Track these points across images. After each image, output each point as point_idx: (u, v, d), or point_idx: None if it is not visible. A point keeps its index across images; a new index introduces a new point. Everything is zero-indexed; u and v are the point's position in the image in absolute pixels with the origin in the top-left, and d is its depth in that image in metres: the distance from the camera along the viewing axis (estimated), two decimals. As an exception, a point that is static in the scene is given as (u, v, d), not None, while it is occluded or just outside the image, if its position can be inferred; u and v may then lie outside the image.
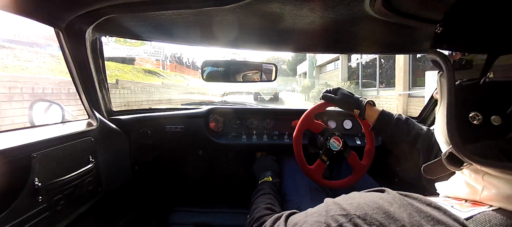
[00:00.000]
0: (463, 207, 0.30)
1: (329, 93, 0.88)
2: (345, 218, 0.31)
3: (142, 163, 1.20)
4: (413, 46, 1.03)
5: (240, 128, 1.30)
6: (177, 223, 1.28)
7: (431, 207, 0.30)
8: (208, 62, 1.11)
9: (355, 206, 0.32)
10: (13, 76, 3.63)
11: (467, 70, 0.32)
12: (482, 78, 0.29)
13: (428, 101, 1.22)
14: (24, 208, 0.57)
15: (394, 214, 0.29)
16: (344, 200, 0.35)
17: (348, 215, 0.32)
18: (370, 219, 0.30)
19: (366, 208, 0.31)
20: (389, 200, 0.32)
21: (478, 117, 0.30)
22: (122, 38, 1.04)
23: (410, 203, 0.31)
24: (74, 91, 0.84)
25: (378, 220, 0.29)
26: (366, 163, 0.91)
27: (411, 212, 0.29)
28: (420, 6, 0.61)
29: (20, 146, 0.57)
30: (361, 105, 0.80)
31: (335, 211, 0.33)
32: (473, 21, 0.32)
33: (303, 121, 0.92)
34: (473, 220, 0.28)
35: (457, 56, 0.34)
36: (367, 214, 0.30)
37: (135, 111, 1.25)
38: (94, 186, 0.82)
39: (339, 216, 0.32)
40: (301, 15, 0.70)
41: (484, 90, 0.30)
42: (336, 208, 0.34)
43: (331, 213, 0.33)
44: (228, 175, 1.52)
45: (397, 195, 0.33)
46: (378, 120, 0.77)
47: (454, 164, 0.35)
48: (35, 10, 0.62)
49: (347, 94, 0.85)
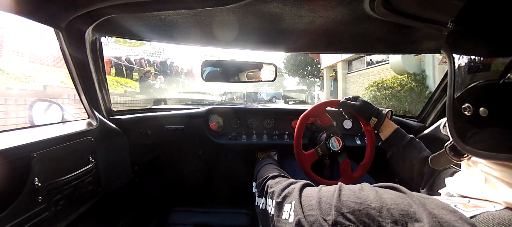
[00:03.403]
0: (467, 207, 0.31)
1: (349, 100, 0.90)
2: (359, 206, 0.31)
3: (142, 163, 1.20)
4: (413, 46, 1.03)
5: (240, 128, 1.30)
6: (177, 223, 1.28)
7: (446, 210, 0.29)
8: (208, 62, 1.11)
9: (372, 198, 0.32)
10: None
11: (486, 72, 0.32)
12: (501, 80, 0.29)
13: (428, 101, 1.22)
14: (24, 208, 0.57)
15: (414, 214, 0.29)
16: (359, 189, 0.35)
17: (362, 204, 0.32)
18: (386, 213, 0.30)
19: (384, 202, 0.31)
20: (407, 199, 0.31)
21: (469, 108, 0.32)
22: (122, 38, 1.04)
23: (428, 205, 0.30)
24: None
25: (394, 215, 0.29)
26: (357, 176, 0.91)
27: (431, 213, 0.29)
28: (419, 6, 0.62)
29: (20, 146, 0.57)
30: (381, 115, 0.80)
31: (348, 197, 0.33)
32: (485, 21, 0.32)
33: (316, 107, 0.94)
34: (477, 219, 0.28)
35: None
36: (383, 207, 0.30)
37: (135, 111, 1.25)
38: (94, 186, 0.82)
39: (352, 203, 0.32)
40: (301, 15, 0.70)
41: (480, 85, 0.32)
42: (351, 195, 0.34)
43: (344, 198, 0.33)
44: (228, 175, 1.52)
45: (414, 194, 0.33)
46: (393, 134, 0.78)
47: (455, 155, 0.39)
48: (34, 10, 0.62)
49: (368, 102, 0.86)
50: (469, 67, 0.33)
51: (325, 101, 0.96)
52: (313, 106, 0.96)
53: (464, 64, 0.33)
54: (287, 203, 0.44)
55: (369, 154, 0.92)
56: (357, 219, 0.31)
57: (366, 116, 0.84)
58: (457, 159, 0.40)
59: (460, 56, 0.34)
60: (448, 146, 0.40)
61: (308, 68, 20.04)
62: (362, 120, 0.88)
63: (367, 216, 0.30)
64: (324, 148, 0.91)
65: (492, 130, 0.31)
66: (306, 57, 18.47)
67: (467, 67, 0.33)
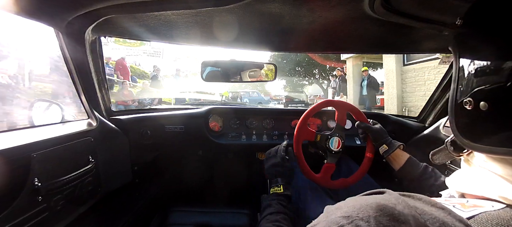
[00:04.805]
0: (465, 207, 0.30)
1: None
2: (347, 220, 0.30)
3: (142, 163, 1.20)
4: (412, 46, 1.03)
5: (240, 128, 1.30)
6: (177, 223, 1.28)
7: (435, 207, 0.29)
8: (208, 62, 1.11)
9: (358, 209, 0.30)
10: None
11: (493, 74, 0.32)
12: (508, 83, 0.29)
13: (427, 101, 1.22)
14: (24, 208, 0.57)
15: (399, 216, 0.28)
16: (345, 204, 0.34)
17: (350, 217, 0.30)
18: (374, 222, 0.28)
19: (369, 210, 0.29)
20: (393, 202, 0.30)
21: (470, 102, 0.33)
22: (121, 38, 1.04)
23: (414, 204, 0.30)
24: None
25: (382, 222, 0.27)
26: (350, 181, 0.91)
27: (415, 213, 0.28)
28: (419, 6, 0.62)
29: (20, 146, 0.57)
30: (393, 145, 0.83)
31: (336, 214, 0.32)
32: (495, 22, 0.32)
33: (317, 107, 0.96)
34: (475, 220, 0.28)
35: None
36: (371, 216, 0.28)
37: (135, 111, 1.25)
38: (93, 186, 0.82)
39: (340, 218, 0.30)
40: (300, 15, 0.70)
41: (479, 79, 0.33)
42: (337, 212, 0.32)
43: (332, 217, 0.32)
44: (228, 175, 1.52)
45: (400, 196, 0.31)
46: (407, 163, 0.78)
47: (455, 150, 0.40)
48: (34, 10, 0.62)
49: (384, 130, 0.89)
50: (475, 68, 0.33)
51: (327, 101, 0.97)
52: (314, 106, 0.96)
53: (470, 64, 0.34)
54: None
55: (356, 176, 0.91)
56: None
57: (378, 141, 0.86)
58: (457, 154, 0.40)
59: (466, 55, 0.35)
60: (448, 141, 0.41)
61: (297, 69, 17.10)
62: (371, 144, 0.91)
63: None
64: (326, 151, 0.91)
65: (491, 124, 0.31)
66: (296, 56, 15.76)
67: (473, 67, 0.33)
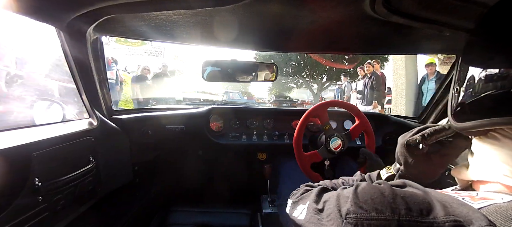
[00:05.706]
0: (474, 199, 0.31)
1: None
2: (372, 195, 0.32)
3: (142, 162, 1.20)
4: (413, 47, 1.03)
5: (240, 128, 1.30)
6: (177, 223, 1.28)
7: (456, 203, 0.30)
8: (209, 62, 1.11)
9: (387, 190, 0.33)
10: None
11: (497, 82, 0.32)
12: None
13: (429, 102, 1.22)
14: (24, 207, 0.57)
15: (428, 205, 0.29)
16: (376, 183, 0.36)
17: (375, 193, 0.32)
18: (400, 201, 0.30)
19: (399, 192, 0.32)
20: (420, 192, 0.32)
21: (458, 88, 0.36)
22: (122, 38, 1.05)
23: (438, 196, 0.31)
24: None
25: (408, 203, 0.30)
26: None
27: (441, 205, 0.29)
28: (419, 7, 0.62)
29: (21, 146, 0.57)
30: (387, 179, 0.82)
31: (364, 189, 0.34)
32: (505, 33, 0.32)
33: (316, 107, 0.98)
34: (484, 210, 0.28)
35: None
36: (397, 196, 0.31)
37: (135, 111, 1.25)
38: (94, 185, 0.82)
39: (366, 194, 0.33)
40: (301, 15, 0.70)
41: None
42: (367, 187, 0.34)
43: (360, 191, 0.34)
44: (228, 175, 1.52)
45: (427, 189, 0.34)
46: None
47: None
48: (36, 9, 0.62)
49: (382, 165, 0.84)
50: (479, 74, 0.33)
51: (327, 101, 0.98)
52: (315, 105, 0.97)
53: (474, 69, 0.34)
54: (302, 203, 0.45)
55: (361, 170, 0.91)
56: (370, 207, 0.31)
57: (376, 167, 0.84)
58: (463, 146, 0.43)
59: (472, 62, 0.35)
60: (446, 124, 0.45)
61: (285, 69, 14.08)
62: (364, 168, 0.88)
63: (380, 203, 0.31)
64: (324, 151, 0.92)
65: (475, 101, 0.33)
66: (285, 55, 12.78)
67: (477, 73, 0.33)
